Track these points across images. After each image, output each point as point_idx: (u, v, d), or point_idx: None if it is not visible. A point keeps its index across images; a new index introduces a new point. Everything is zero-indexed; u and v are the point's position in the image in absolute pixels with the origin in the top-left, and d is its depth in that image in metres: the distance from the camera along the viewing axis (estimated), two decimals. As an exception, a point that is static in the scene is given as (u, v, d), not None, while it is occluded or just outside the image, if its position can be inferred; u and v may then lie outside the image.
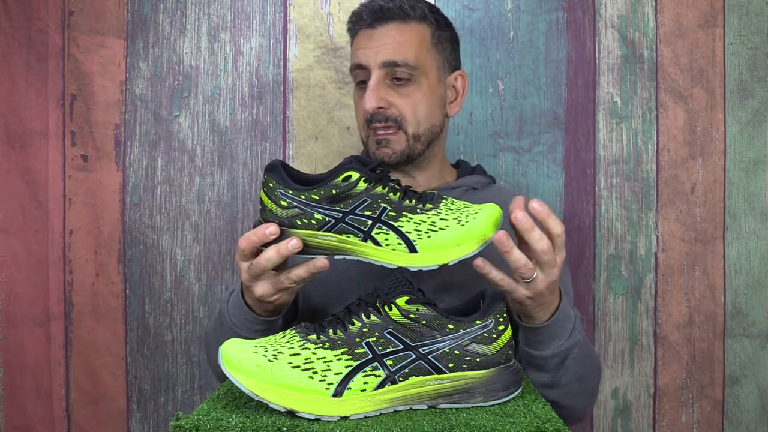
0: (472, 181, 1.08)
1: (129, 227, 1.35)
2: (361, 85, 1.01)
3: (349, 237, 0.75)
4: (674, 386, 1.33)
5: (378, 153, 1.01)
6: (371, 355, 0.67)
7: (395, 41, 0.99)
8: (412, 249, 0.74)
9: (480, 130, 1.34)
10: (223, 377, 1.01)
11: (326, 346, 0.68)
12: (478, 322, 0.71)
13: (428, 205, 0.76)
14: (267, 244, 0.76)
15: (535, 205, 0.75)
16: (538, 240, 0.75)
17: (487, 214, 0.76)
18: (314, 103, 1.35)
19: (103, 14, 1.34)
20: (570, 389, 0.88)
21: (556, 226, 0.77)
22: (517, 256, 0.75)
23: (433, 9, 1.04)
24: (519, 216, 0.75)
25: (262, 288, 0.80)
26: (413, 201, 0.76)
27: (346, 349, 0.67)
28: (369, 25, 1.00)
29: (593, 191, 1.34)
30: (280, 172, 0.75)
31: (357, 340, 0.68)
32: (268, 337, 0.71)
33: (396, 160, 1.01)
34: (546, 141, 1.34)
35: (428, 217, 0.75)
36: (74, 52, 1.33)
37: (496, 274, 0.77)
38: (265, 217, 0.76)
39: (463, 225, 0.75)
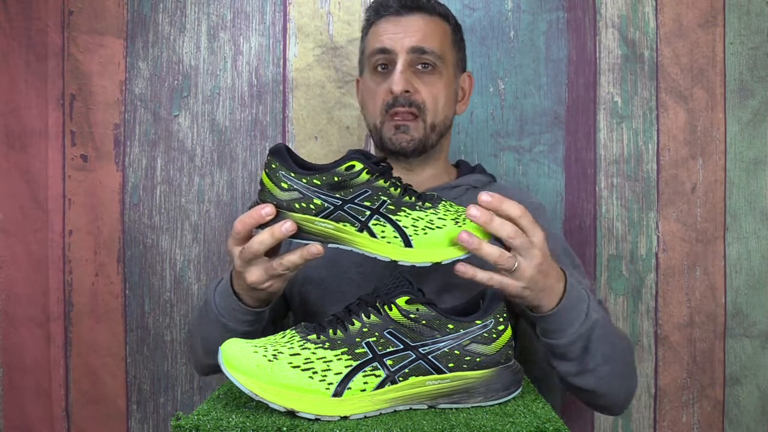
0: (472, 179, 1.08)
1: (128, 227, 1.34)
2: (381, 68, 1.02)
3: (345, 226, 0.74)
4: (675, 386, 1.33)
5: (395, 138, 1.01)
6: (371, 355, 0.67)
7: (422, 29, 1.01)
8: (408, 243, 0.74)
9: (480, 130, 1.34)
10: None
11: (326, 346, 0.68)
12: (478, 322, 0.71)
13: (427, 204, 0.76)
14: (262, 227, 0.75)
15: (484, 197, 0.74)
16: (500, 228, 0.74)
17: None
18: (314, 103, 1.35)
19: (103, 14, 1.34)
20: (601, 373, 0.84)
21: (513, 209, 0.75)
22: (487, 250, 0.74)
23: (449, 11, 1.08)
24: (472, 212, 0.73)
25: (254, 274, 0.78)
26: (413, 198, 0.76)
27: (346, 349, 0.67)
28: (396, 12, 1.02)
29: (594, 191, 1.34)
30: (283, 155, 0.75)
31: (357, 340, 0.68)
32: (268, 337, 0.71)
33: (413, 148, 1.02)
34: (546, 141, 1.34)
35: (426, 215, 0.75)
36: (74, 52, 1.33)
37: (482, 275, 0.75)
38: (263, 198, 0.76)
39: (459, 226, 0.75)
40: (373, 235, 0.74)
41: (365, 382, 0.67)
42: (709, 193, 1.32)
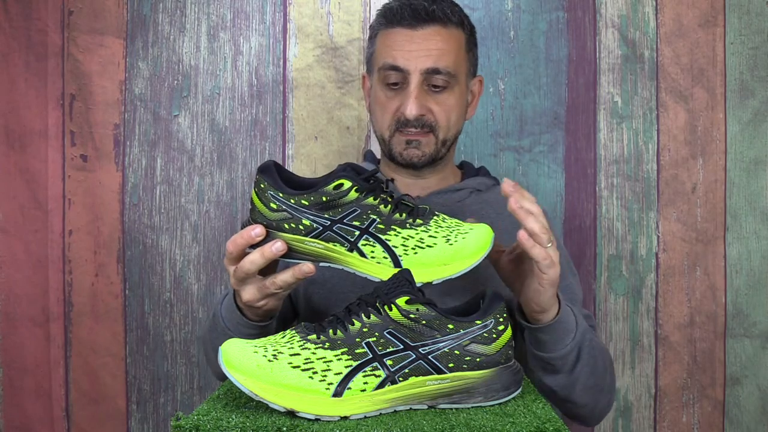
0: (476, 182, 1.08)
1: (128, 227, 1.34)
2: (392, 86, 1.00)
3: (335, 246, 0.74)
4: (675, 387, 1.33)
5: (406, 153, 1.01)
6: (371, 355, 0.67)
7: (438, 47, 0.97)
8: (398, 264, 0.74)
9: (481, 130, 1.34)
10: (222, 376, 1.01)
11: (326, 346, 0.67)
12: (478, 322, 0.70)
13: (418, 221, 0.76)
14: (253, 247, 0.76)
15: (505, 186, 0.75)
16: (533, 223, 0.75)
17: (477, 235, 0.75)
18: (314, 103, 1.35)
19: (103, 14, 1.34)
20: (586, 385, 0.87)
21: (534, 206, 0.76)
22: (538, 248, 0.75)
23: (464, 13, 1.04)
24: (512, 204, 0.74)
25: (248, 293, 0.79)
26: (403, 215, 0.75)
27: (346, 349, 0.67)
28: (409, 25, 0.98)
29: (594, 191, 1.34)
30: (272, 174, 0.75)
31: (357, 340, 0.68)
32: (268, 337, 0.71)
33: (424, 163, 1.02)
34: (546, 141, 1.34)
35: (417, 233, 0.75)
36: (74, 52, 1.33)
37: (539, 251, 0.75)
38: (254, 218, 0.76)
39: (451, 244, 0.74)
40: (363, 255, 0.74)
41: (365, 382, 0.67)
42: (710, 193, 1.32)
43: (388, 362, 0.67)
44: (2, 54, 1.33)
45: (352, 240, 0.74)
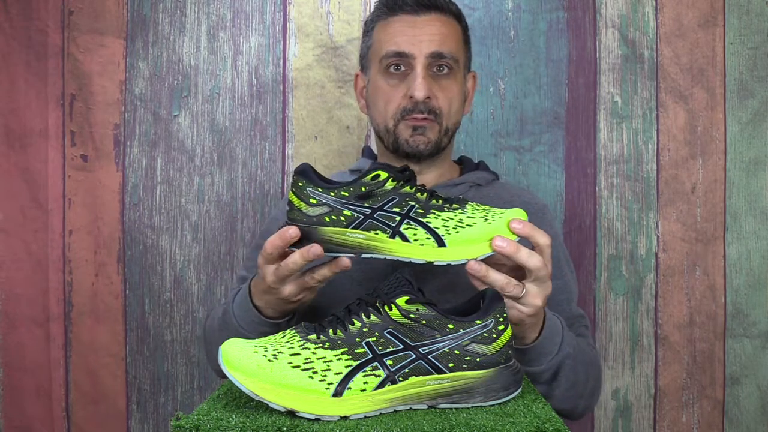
0: (476, 177, 1.08)
1: (128, 227, 1.34)
2: (394, 69, 1.00)
3: (377, 234, 0.75)
4: (675, 386, 1.33)
5: (413, 140, 1.00)
6: (371, 355, 0.67)
7: (440, 32, 0.99)
8: (441, 243, 0.75)
9: (481, 130, 1.34)
10: (223, 374, 1.01)
11: (326, 346, 0.67)
12: (478, 322, 0.70)
13: (455, 206, 0.77)
14: (295, 245, 0.77)
15: (515, 225, 0.74)
16: (527, 259, 0.74)
17: (513, 214, 0.77)
18: (314, 103, 1.35)
19: (103, 14, 1.34)
20: (565, 395, 0.89)
21: (543, 238, 0.76)
22: (494, 277, 0.75)
23: (459, 8, 1.05)
24: (498, 242, 0.73)
25: (288, 289, 0.82)
26: (440, 201, 0.77)
27: (346, 349, 0.67)
28: (412, 11, 0.99)
29: (594, 191, 1.34)
30: (309, 175, 0.76)
31: (357, 339, 0.68)
32: (268, 337, 0.71)
33: (430, 150, 1.01)
34: (547, 140, 1.34)
35: (455, 215, 0.76)
36: (74, 52, 1.33)
37: (511, 289, 0.76)
38: (293, 217, 0.76)
39: (490, 223, 0.75)
40: (405, 239, 0.75)
41: (365, 382, 0.67)
42: (709, 193, 1.32)
43: (388, 362, 0.67)
44: (2, 54, 1.33)
45: (394, 225, 0.75)
